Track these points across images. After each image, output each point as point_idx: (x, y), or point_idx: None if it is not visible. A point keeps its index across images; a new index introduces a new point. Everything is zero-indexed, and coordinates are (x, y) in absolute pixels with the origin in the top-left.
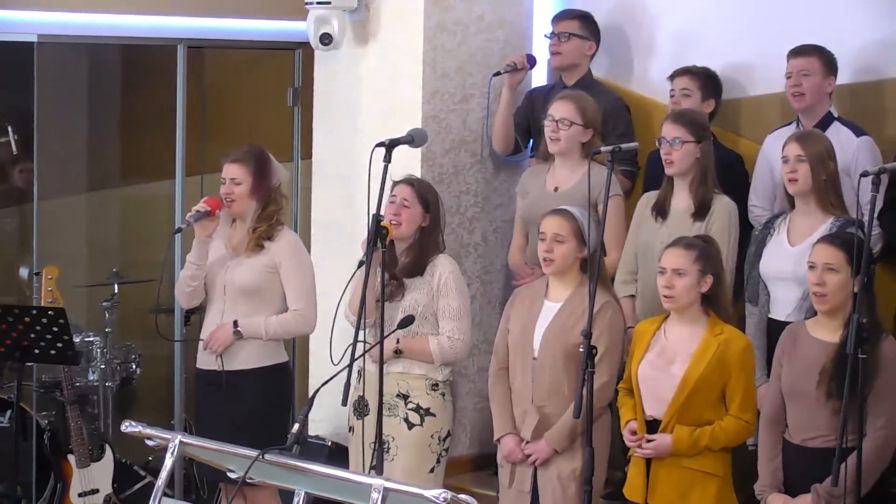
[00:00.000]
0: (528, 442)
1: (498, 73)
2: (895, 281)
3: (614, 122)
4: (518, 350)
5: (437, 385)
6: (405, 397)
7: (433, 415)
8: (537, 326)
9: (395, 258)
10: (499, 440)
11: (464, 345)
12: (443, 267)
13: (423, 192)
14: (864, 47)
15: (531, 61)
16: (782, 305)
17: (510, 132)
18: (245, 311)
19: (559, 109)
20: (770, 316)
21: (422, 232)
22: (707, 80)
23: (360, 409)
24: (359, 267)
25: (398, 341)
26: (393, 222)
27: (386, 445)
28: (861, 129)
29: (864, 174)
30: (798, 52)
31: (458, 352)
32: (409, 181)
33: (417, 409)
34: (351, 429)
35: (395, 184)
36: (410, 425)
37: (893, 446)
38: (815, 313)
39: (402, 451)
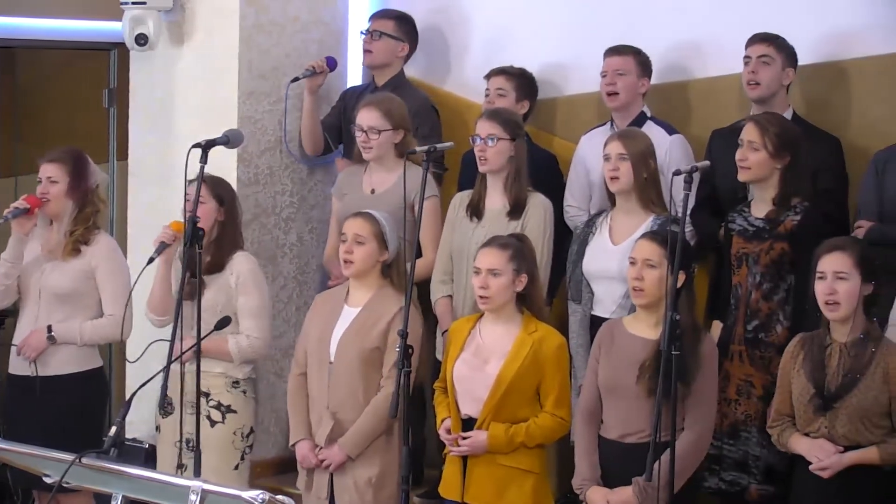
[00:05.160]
0: (321, 448)
1: (296, 79)
2: (706, 277)
3: (419, 123)
4: (315, 355)
5: (237, 382)
6: (206, 395)
7: (235, 412)
8: (335, 331)
9: (194, 256)
10: (294, 445)
11: (263, 343)
12: (241, 264)
13: (216, 188)
14: (670, 48)
15: (330, 64)
16: (605, 303)
17: (318, 134)
18: (60, 316)
19: (365, 118)
20: (593, 313)
21: (219, 228)
22: (522, 81)
23: (164, 407)
24: (148, 263)
25: None
26: None
27: (190, 444)
28: (673, 128)
29: (677, 173)
30: (614, 51)
31: (257, 350)
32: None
33: (219, 406)
34: (158, 428)
35: (189, 183)
36: (213, 423)
37: (709, 441)
38: (635, 310)
39: (207, 449)
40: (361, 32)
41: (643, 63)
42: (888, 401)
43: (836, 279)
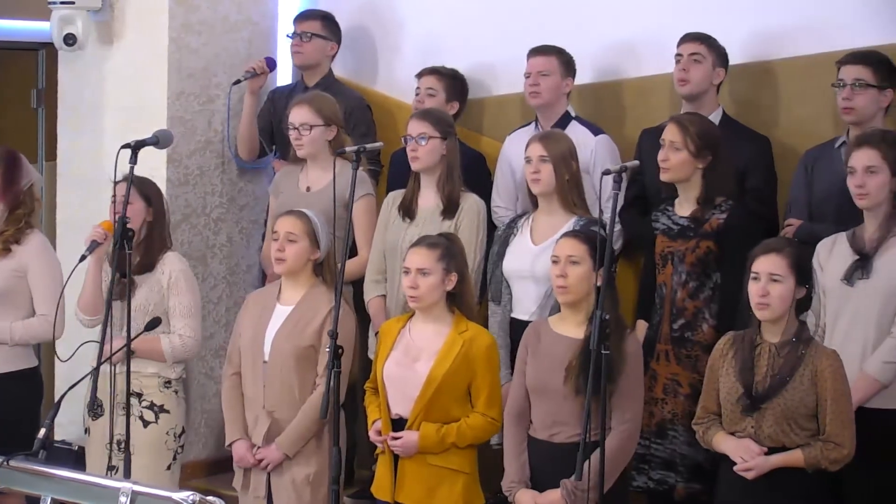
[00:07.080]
0: (259, 447)
1: (238, 81)
2: (635, 276)
3: (356, 122)
4: (249, 354)
5: (169, 382)
6: (139, 396)
7: (167, 412)
8: (268, 330)
9: (124, 256)
10: (230, 445)
11: (195, 342)
12: (172, 265)
13: (144, 188)
14: (602, 48)
15: (270, 65)
16: (525, 304)
17: (255, 138)
18: None
19: (296, 116)
20: (512, 315)
21: (148, 228)
22: (453, 82)
23: (94, 409)
24: (80, 261)
25: None
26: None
27: (122, 445)
28: (598, 128)
29: (607, 172)
30: (537, 51)
31: (189, 349)
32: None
33: (151, 406)
34: (87, 430)
35: (116, 184)
36: (146, 423)
37: (636, 440)
38: (558, 311)
39: (139, 449)
40: (288, 35)
41: (567, 63)
42: (815, 403)
43: (769, 281)
